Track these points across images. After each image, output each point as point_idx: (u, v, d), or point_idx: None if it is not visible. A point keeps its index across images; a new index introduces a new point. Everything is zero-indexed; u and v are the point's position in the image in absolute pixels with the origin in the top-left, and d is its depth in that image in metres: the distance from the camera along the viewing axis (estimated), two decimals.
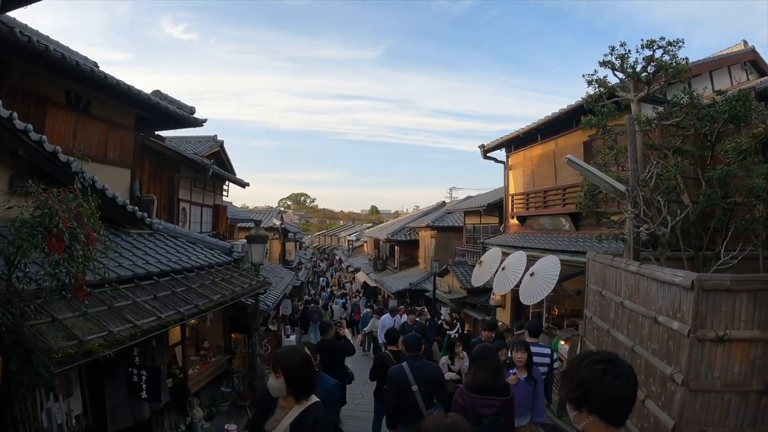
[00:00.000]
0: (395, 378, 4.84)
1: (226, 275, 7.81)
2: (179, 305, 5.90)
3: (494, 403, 3.71)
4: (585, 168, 5.62)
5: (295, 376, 2.77)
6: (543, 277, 8.59)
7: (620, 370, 1.72)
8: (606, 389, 1.67)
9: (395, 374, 4.88)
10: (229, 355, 8.41)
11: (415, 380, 4.74)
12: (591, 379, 1.70)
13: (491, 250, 11.31)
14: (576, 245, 9.26)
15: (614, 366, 1.73)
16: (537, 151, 11.62)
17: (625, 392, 1.69)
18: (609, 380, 1.68)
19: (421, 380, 4.76)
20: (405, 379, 4.77)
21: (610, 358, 1.79)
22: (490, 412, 3.69)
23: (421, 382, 4.76)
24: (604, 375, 1.69)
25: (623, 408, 1.72)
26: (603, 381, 1.68)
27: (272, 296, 11.31)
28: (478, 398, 3.71)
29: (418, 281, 20.85)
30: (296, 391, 2.78)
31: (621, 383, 1.68)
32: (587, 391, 1.70)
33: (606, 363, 1.73)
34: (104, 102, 8.52)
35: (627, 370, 1.74)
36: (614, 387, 1.67)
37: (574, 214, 10.24)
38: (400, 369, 4.90)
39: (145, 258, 6.88)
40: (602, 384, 1.67)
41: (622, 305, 5.28)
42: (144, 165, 11.98)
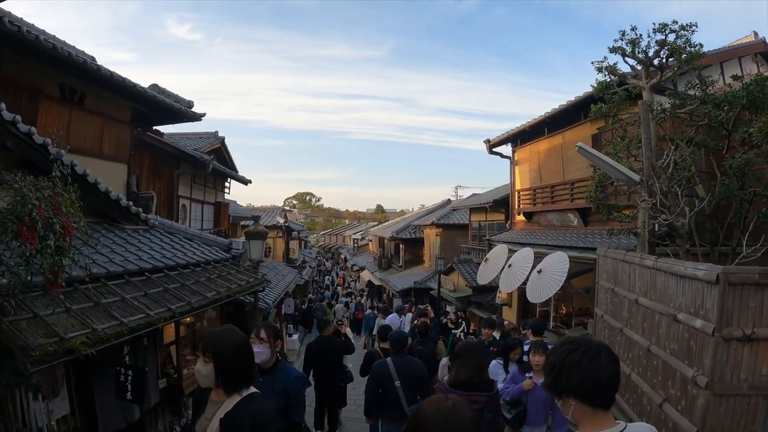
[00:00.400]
0: (378, 373, 4.88)
1: (222, 272, 7.56)
2: (171, 302, 5.65)
3: (479, 399, 3.65)
4: (596, 156, 5.32)
5: (226, 364, 2.29)
6: (551, 275, 8.28)
7: (589, 348, 1.66)
8: (575, 367, 1.62)
9: (378, 369, 4.92)
10: None
11: (398, 376, 4.76)
12: (560, 360, 1.67)
13: (497, 247, 11.00)
14: (585, 241, 8.95)
15: (582, 345, 1.68)
16: (544, 145, 11.31)
17: (598, 369, 1.62)
18: (577, 358, 1.63)
19: (405, 376, 4.78)
20: (388, 375, 4.79)
21: (579, 340, 1.76)
22: (475, 408, 3.47)
23: (405, 378, 4.76)
24: (571, 354, 1.65)
25: (601, 387, 1.64)
26: (571, 359, 1.64)
27: (273, 294, 11.06)
28: (463, 395, 3.54)
29: (422, 280, 20.58)
30: (225, 381, 2.31)
31: (590, 360, 1.62)
32: (558, 373, 1.66)
33: (572, 344, 1.71)
34: (99, 95, 8.31)
35: (598, 348, 1.67)
36: (584, 365, 1.62)
37: (582, 210, 9.93)
38: (383, 364, 4.94)
39: (138, 254, 6.64)
40: (570, 363, 1.63)
41: (636, 303, 4.98)
42: (143, 161, 11.79)
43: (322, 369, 6.67)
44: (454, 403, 1.62)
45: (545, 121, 10.75)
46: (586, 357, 1.62)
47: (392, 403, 4.76)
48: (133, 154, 11.76)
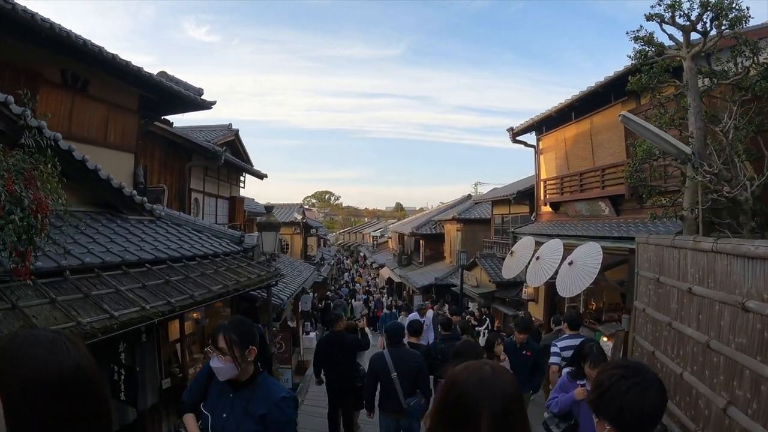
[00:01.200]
0: (375, 365, 4.80)
1: (232, 265, 7.12)
2: (171, 295, 5.21)
3: None
4: (643, 126, 4.71)
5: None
6: (583, 266, 7.67)
7: (642, 378, 1.60)
8: (621, 395, 1.56)
9: (375, 361, 4.83)
10: None
11: (395, 368, 4.66)
12: (608, 383, 1.61)
13: (523, 239, 10.40)
14: (619, 230, 8.30)
15: (636, 373, 1.62)
16: (571, 131, 10.66)
17: (644, 403, 1.56)
18: (626, 386, 1.57)
19: (402, 368, 4.67)
20: (385, 367, 4.70)
21: (634, 366, 1.70)
22: None
23: (402, 370, 4.66)
24: (622, 380, 1.59)
25: (641, 421, 1.56)
26: (619, 386, 1.58)
27: (288, 291, 10.61)
28: None
29: (444, 276, 20.04)
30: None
31: (639, 391, 1.56)
32: (602, 395, 1.61)
33: (626, 369, 1.65)
34: (104, 81, 7.97)
35: (649, 381, 1.61)
36: (630, 394, 1.55)
37: (614, 197, 9.27)
38: (380, 356, 4.83)
39: (140, 244, 6.24)
40: (617, 389, 1.58)
41: (689, 292, 4.37)
42: (154, 153, 11.50)
43: (332, 367, 6.18)
44: (492, 366, 1.50)
45: (572, 105, 10.10)
46: (636, 388, 1.56)
47: (389, 396, 4.69)
48: (143, 147, 11.50)
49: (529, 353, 6.23)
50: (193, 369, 6.77)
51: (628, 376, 1.60)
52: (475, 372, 1.47)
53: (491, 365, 1.51)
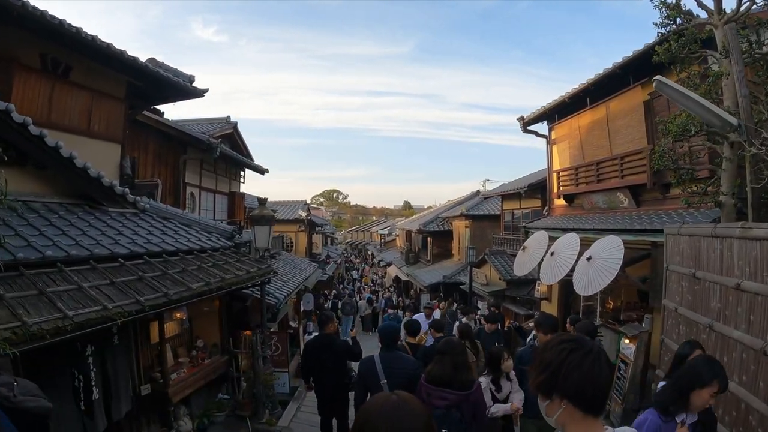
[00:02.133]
0: (363, 370, 4.56)
1: (219, 261, 6.55)
2: (142, 293, 4.65)
3: (447, 396, 3.58)
4: (680, 92, 4.05)
5: None
6: (603, 262, 7.02)
7: (590, 348, 1.55)
8: (576, 368, 1.50)
9: (363, 366, 4.61)
10: (227, 356, 7.12)
11: (385, 374, 4.41)
12: (558, 359, 1.54)
13: (536, 234, 9.74)
14: (641, 223, 7.64)
15: (583, 345, 1.56)
16: (585, 118, 9.98)
17: (598, 372, 1.51)
18: (578, 358, 1.51)
19: (392, 374, 4.40)
20: (374, 372, 4.45)
21: (578, 338, 1.63)
22: (442, 404, 3.56)
23: (392, 376, 4.39)
24: (572, 353, 1.53)
25: (597, 392, 1.52)
26: (571, 360, 1.52)
27: (287, 289, 10.02)
28: (432, 389, 3.63)
29: (452, 274, 19.40)
30: None
31: (592, 362, 1.51)
32: (555, 372, 1.53)
33: (573, 342, 1.58)
34: (88, 67, 7.47)
35: (599, 350, 1.56)
36: (585, 366, 1.50)
37: (634, 187, 8.59)
38: (369, 360, 4.59)
39: (116, 238, 5.71)
40: (571, 363, 1.51)
41: (737, 288, 3.73)
42: (148, 147, 11.02)
43: (321, 372, 5.59)
44: (400, 397, 1.45)
45: (587, 89, 9.42)
46: (589, 358, 1.51)
47: None
48: (136, 140, 11.00)
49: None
50: (176, 374, 6.20)
51: (576, 349, 1.54)
52: (380, 402, 1.45)
53: (400, 396, 1.46)
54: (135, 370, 5.68)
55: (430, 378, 3.74)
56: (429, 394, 3.65)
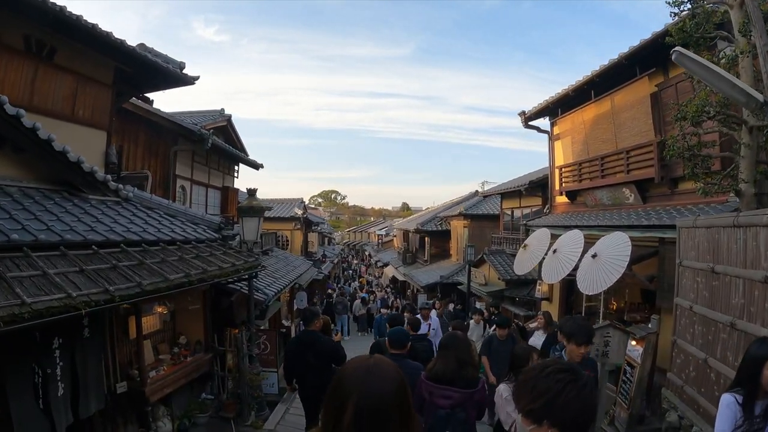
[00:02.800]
0: None
1: (203, 253, 6.18)
2: (114, 282, 4.28)
3: (451, 394, 3.37)
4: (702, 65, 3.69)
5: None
6: (609, 259, 6.67)
7: (586, 381, 1.60)
8: (574, 401, 1.54)
9: None
10: (212, 354, 6.74)
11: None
12: (555, 389, 1.56)
13: (537, 231, 9.40)
14: (648, 219, 7.29)
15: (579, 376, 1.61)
16: (589, 112, 9.63)
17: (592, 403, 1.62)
18: (575, 392, 1.55)
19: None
20: None
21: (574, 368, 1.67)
22: (446, 404, 3.35)
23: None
24: (570, 384, 1.56)
25: (588, 421, 1.60)
26: (570, 391, 1.55)
27: (277, 286, 9.65)
28: (435, 387, 3.42)
29: (449, 274, 19.06)
30: None
31: (588, 394, 1.59)
32: (551, 402, 1.56)
33: (570, 372, 1.61)
34: (74, 50, 7.16)
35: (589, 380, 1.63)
36: (581, 399, 1.56)
37: (641, 182, 8.24)
38: None
39: (93, 225, 5.36)
40: (569, 394, 1.55)
41: (766, 282, 3.37)
42: (138, 138, 10.71)
43: (304, 373, 5.21)
44: (375, 361, 1.47)
45: (592, 81, 9.06)
46: (585, 390, 1.57)
47: None
48: (126, 131, 10.68)
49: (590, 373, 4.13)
50: (155, 371, 5.83)
51: (575, 381, 1.57)
52: (355, 364, 1.46)
53: (377, 360, 1.47)
54: (110, 367, 5.33)
55: (432, 375, 3.49)
56: (431, 393, 3.42)
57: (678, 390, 5.03)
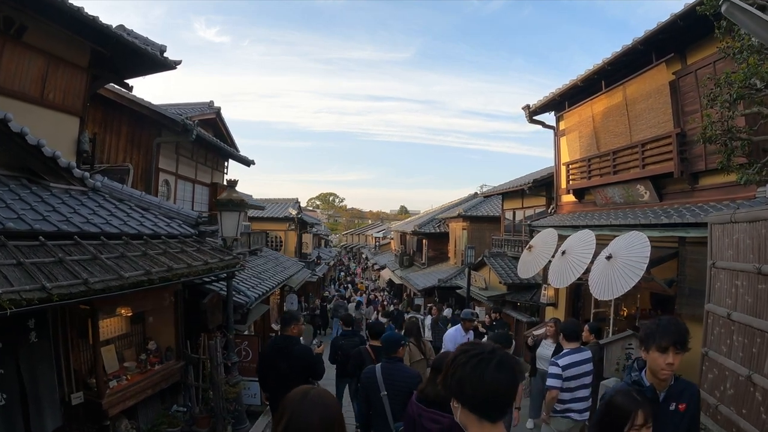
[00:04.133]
0: (365, 381, 4.31)
1: (174, 249, 5.53)
2: (56, 278, 3.63)
3: (439, 419, 3.08)
4: (759, 17, 3.04)
5: None
6: (626, 260, 6.04)
7: (481, 352, 1.56)
8: (459, 370, 1.55)
9: (365, 377, 4.34)
10: (184, 362, 6.06)
11: (386, 385, 4.15)
12: (450, 361, 1.62)
13: (543, 232, 8.76)
14: (669, 217, 6.65)
15: (476, 349, 1.59)
16: (599, 105, 9.00)
17: (489, 378, 1.50)
18: (463, 360, 1.56)
19: (393, 386, 4.15)
20: (374, 384, 4.19)
21: (479, 343, 1.70)
22: (434, 428, 3.09)
23: (393, 388, 4.14)
24: (461, 355, 1.58)
25: (489, 397, 1.51)
26: (458, 361, 1.57)
27: (263, 287, 8.98)
28: (424, 410, 3.17)
29: (448, 277, 18.38)
30: None
31: (476, 366, 1.52)
32: (446, 374, 1.62)
33: (470, 345, 1.65)
34: (46, 29, 6.64)
35: (491, 355, 1.55)
36: (467, 369, 1.53)
37: (657, 178, 7.60)
38: (371, 371, 4.32)
39: (47, 214, 4.74)
40: (457, 365, 1.57)
41: None
42: (120, 129, 10.15)
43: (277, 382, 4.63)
44: (314, 392, 1.61)
45: (603, 70, 8.43)
46: (473, 361, 1.54)
47: (379, 417, 4.16)
48: (108, 121, 10.08)
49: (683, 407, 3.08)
50: (116, 381, 5.16)
51: (468, 350, 1.58)
52: (295, 392, 1.64)
53: (318, 391, 1.65)
54: (64, 375, 4.67)
55: (422, 397, 3.25)
56: (420, 416, 3.21)
57: (711, 410, 4.38)
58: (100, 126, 9.73)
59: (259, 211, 20.45)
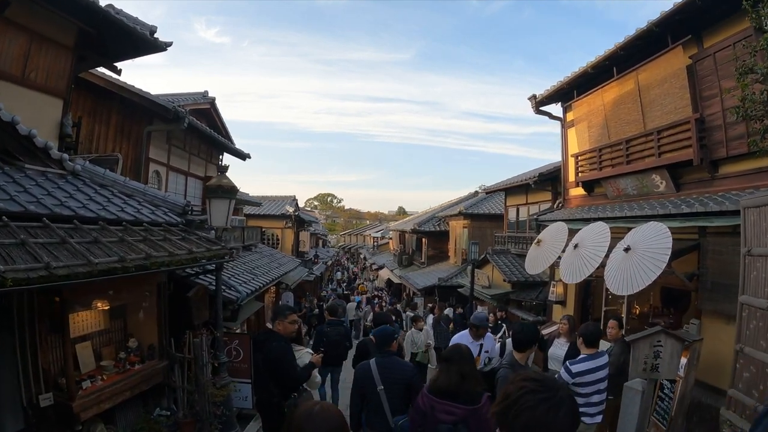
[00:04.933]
0: (359, 376, 4.26)
1: (156, 236, 5.08)
2: (12, 261, 3.18)
3: (453, 410, 3.14)
4: None
5: None
6: (646, 252, 5.60)
7: (554, 394, 1.44)
8: (527, 410, 1.41)
9: (360, 372, 4.29)
10: (167, 361, 5.58)
11: (382, 380, 4.13)
12: (515, 395, 1.47)
13: (553, 225, 8.30)
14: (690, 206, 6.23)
15: (547, 388, 1.45)
16: (611, 92, 8.56)
17: (551, 421, 1.40)
18: (533, 402, 1.42)
19: (389, 380, 4.14)
20: (370, 378, 4.16)
21: (547, 379, 1.54)
22: (449, 419, 3.13)
23: (389, 382, 4.13)
24: (530, 394, 1.44)
25: None
26: (526, 400, 1.43)
27: (256, 283, 8.51)
28: (437, 402, 3.21)
29: (448, 276, 17.94)
30: None
31: (548, 408, 1.40)
32: (509, 407, 1.46)
33: (538, 383, 1.48)
34: (28, 4, 6.13)
35: (563, 397, 1.44)
36: (538, 411, 1.40)
37: (674, 167, 7.18)
38: (365, 366, 4.28)
39: (16, 194, 4.35)
40: (525, 404, 1.42)
41: None
42: (110, 118, 9.77)
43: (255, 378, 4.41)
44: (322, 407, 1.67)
45: (615, 55, 7.98)
46: (546, 404, 1.41)
47: (376, 412, 4.12)
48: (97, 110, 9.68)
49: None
50: (90, 382, 4.70)
51: (537, 391, 1.44)
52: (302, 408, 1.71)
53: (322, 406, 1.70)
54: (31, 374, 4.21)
55: (434, 389, 3.32)
56: (433, 407, 3.25)
57: (747, 412, 3.96)
58: (89, 115, 9.33)
59: (256, 208, 20.02)
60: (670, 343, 4.63)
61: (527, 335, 4.41)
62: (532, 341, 4.44)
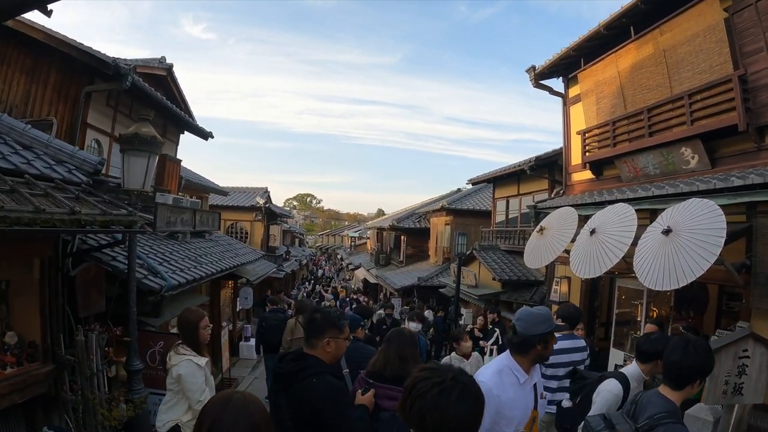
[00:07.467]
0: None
1: (37, 192, 3.62)
2: None
3: (394, 394, 2.86)
4: None
5: None
6: (695, 235, 4.29)
7: (443, 379, 1.42)
8: (419, 399, 1.41)
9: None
10: (54, 365, 4.07)
11: (347, 362, 3.97)
12: (410, 385, 1.49)
13: (558, 211, 6.96)
14: (743, 178, 4.95)
15: (438, 375, 1.45)
16: (628, 56, 7.23)
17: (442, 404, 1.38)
18: (426, 388, 1.42)
19: (354, 364, 4.02)
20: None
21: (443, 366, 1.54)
22: (390, 405, 2.86)
23: (355, 365, 4.00)
24: (423, 381, 1.44)
25: (442, 427, 1.38)
26: (419, 388, 1.43)
27: (197, 272, 6.93)
28: (378, 386, 2.98)
29: (428, 276, 16.63)
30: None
31: (438, 393, 1.39)
32: (404, 400, 1.48)
33: (431, 370, 1.49)
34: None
35: (454, 382, 1.42)
36: (429, 396, 1.40)
37: (709, 137, 5.96)
38: None
39: None
40: (417, 392, 1.43)
41: None
42: (48, 78, 8.46)
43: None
44: (243, 396, 1.45)
45: (633, 9, 6.73)
46: (435, 389, 1.40)
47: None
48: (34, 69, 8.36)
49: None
50: None
51: (428, 378, 1.44)
52: (220, 395, 1.49)
53: (243, 395, 1.46)
54: None
55: (371, 372, 3.11)
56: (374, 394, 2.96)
57: None
58: (27, 74, 8.01)
59: (223, 198, 18.45)
60: (759, 353, 3.28)
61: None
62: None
